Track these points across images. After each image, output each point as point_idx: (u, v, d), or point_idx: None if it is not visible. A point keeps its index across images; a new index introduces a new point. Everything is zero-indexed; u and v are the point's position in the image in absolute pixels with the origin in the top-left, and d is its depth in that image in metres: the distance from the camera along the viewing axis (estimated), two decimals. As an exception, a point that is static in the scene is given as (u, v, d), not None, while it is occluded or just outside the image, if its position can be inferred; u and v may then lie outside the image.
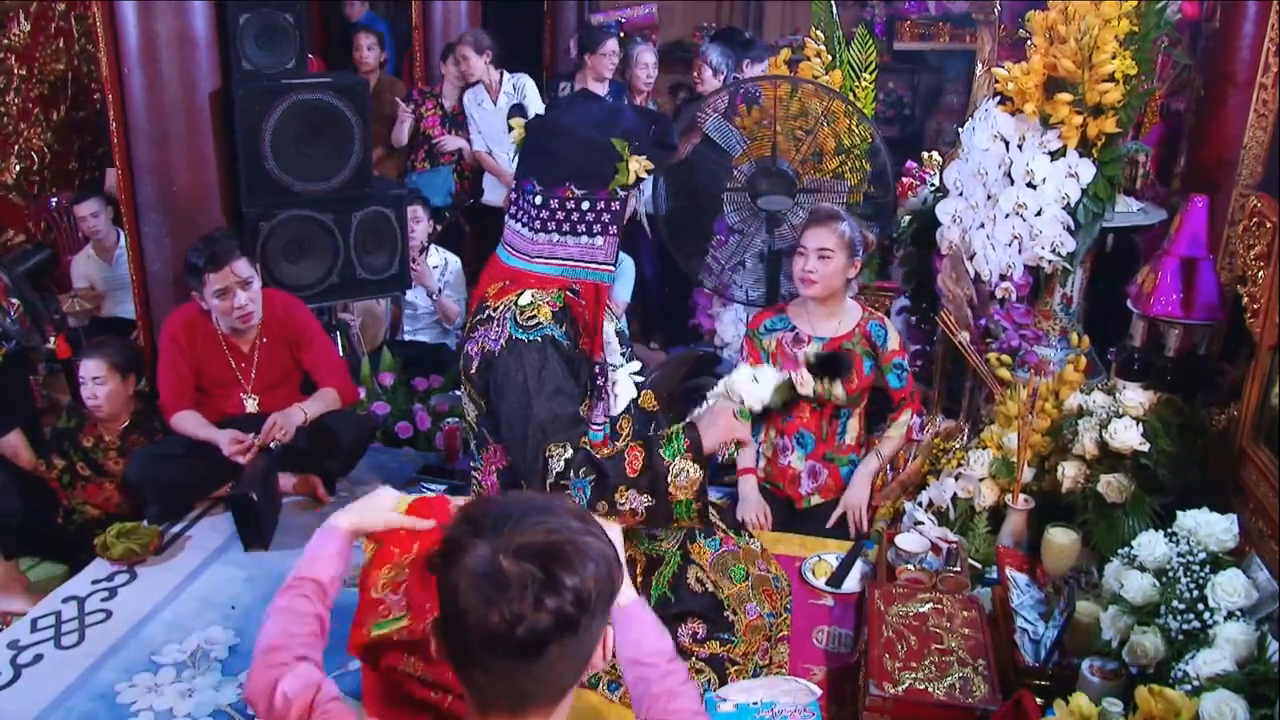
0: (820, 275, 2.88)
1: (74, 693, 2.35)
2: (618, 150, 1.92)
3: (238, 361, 3.30)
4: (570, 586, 1.11)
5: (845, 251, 2.88)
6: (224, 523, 3.08)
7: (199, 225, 3.40)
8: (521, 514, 1.16)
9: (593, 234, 1.97)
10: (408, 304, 4.61)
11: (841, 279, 2.93)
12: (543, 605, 1.10)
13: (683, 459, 1.92)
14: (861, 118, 3.43)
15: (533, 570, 1.11)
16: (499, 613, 1.09)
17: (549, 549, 1.13)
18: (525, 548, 1.12)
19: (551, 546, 1.13)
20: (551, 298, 1.97)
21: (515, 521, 1.15)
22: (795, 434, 3.01)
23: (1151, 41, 2.63)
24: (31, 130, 4.54)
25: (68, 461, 3.29)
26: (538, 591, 1.10)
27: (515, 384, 1.91)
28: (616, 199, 1.96)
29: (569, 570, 1.12)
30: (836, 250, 2.87)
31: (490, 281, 2.05)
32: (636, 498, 1.90)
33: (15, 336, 3.68)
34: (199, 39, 3.34)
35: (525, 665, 1.13)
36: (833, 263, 2.87)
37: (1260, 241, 2.42)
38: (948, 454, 2.89)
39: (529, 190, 1.98)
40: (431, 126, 5.27)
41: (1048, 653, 2.06)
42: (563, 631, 1.11)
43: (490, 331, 1.96)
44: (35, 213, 4.65)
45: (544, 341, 1.92)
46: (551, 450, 1.88)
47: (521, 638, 1.10)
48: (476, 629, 1.11)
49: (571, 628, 1.12)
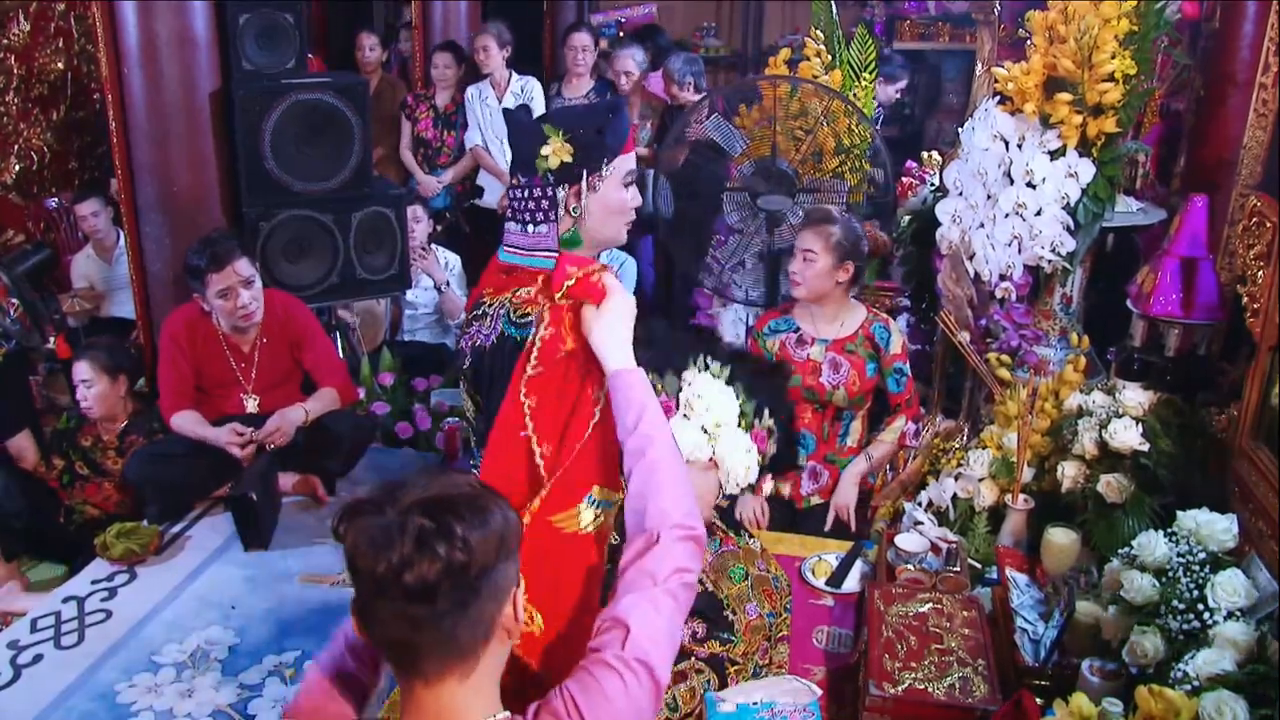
0: (803, 277, 2.88)
1: (74, 693, 2.35)
2: (544, 135, 1.93)
3: (238, 362, 3.30)
4: (460, 535, 1.12)
5: (832, 255, 2.87)
6: (224, 523, 3.08)
7: (199, 225, 3.40)
8: (418, 480, 1.19)
9: (537, 223, 1.98)
10: (408, 304, 4.61)
11: (828, 282, 2.91)
12: (430, 550, 1.11)
13: None
14: (861, 118, 3.43)
15: (422, 521, 1.13)
16: (386, 560, 1.11)
17: (440, 501, 1.15)
18: (417, 503, 1.15)
19: (444, 499, 1.16)
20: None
21: (410, 486, 1.18)
22: (797, 435, 3.01)
23: (1151, 41, 2.63)
24: (31, 130, 4.54)
25: (67, 461, 3.29)
26: (425, 538, 1.11)
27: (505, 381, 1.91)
28: (549, 185, 1.95)
29: (459, 520, 1.14)
30: (821, 253, 2.86)
31: (489, 279, 2.06)
32: None
33: (15, 336, 3.68)
34: (199, 39, 3.35)
35: (420, 613, 1.14)
36: (816, 265, 2.87)
37: (1260, 241, 2.42)
38: (948, 454, 2.89)
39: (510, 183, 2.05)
40: (425, 129, 5.28)
41: (1048, 653, 2.06)
42: (453, 578, 1.12)
43: (483, 328, 1.96)
44: (35, 213, 4.65)
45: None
46: None
47: (409, 585, 1.11)
48: (368, 580, 1.13)
49: (461, 574, 1.13)
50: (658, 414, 1.51)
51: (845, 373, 2.92)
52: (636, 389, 1.51)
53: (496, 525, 1.17)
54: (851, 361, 2.93)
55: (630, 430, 1.49)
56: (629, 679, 1.24)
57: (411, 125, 5.29)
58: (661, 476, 1.45)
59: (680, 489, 1.46)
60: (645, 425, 1.48)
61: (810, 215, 2.97)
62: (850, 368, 2.93)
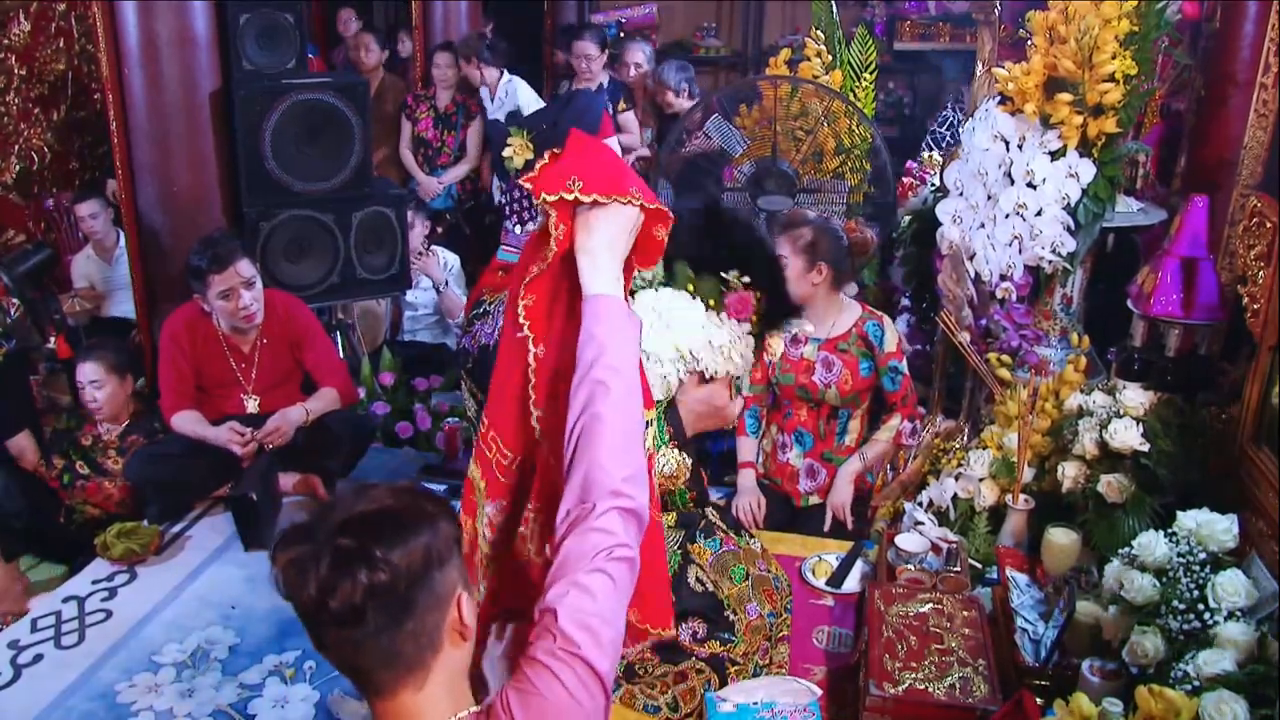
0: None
1: (74, 693, 2.35)
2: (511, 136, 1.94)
3: (238, 362, 3.30)
4: (379, 556, 1.11)
5: (802, 258, 2.84)
6: (224, 523, 3.08)
7: (199, 225, 3.41)
8: (345, 498, 1.18)
9: (524, 221, 2.00)
10: (408, 304, 4.62)
11: (804, 285, 2.85)
12: (348, 575, 1.10)
13: (667, 448, 1.89)
14: (862, 118, 3.43)
15: (342, 543, 1.11)
16: (308, 588, 1.11)
17: (362, 521, 1.14)
18: (340, 525, 1.13)
19: (366, 519, 1.14)
20: None
21: (338, 507, 1.16)
22: (794, 432, 3.01)
23: (1151, 41, 2.62)
24: (31, 130, 4.55)
25: (67, 461, 3.29)
26: (343, 562, 1.10)
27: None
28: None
29: (378, 540, 1.12)
30: (790, 256, 2.83)
31: (488, 278, 2.07)
32: None
33: (15, 336, 3.68)
34: (199, 39, 3.35)
35: (350, 635, 1.13)
36: (787, 270, 2.82)
37: (1260, 241, 2.42)
38: (948, 454, 2.89)
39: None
40: (425, 129, 5.28)
41: (1048, 653, 2.06)
42: (379, 599, 1.11)
43: (486, 326, 1.98)
44: (35, 213, 4.65)
45: None
46: None
47: (335, 610, 1.10)
48: (299, 608, 1.13)
49: (389, 594, 1.12)
50: (620, 355, 1.36)
51: (838, 371, 2.92)
52: (603, 321, 1.36)
53: (422, 539, 1.15)
54: (844, 360, 2.93)
55: (584, 373, 1.35)
56: (566, 676, 1.17)
57: (411, 125, 5.30)
58: (607, 435, 1.30)
59: (627, 452, 1.32)
60: (599, 369, 1.34)
61: (783, 220, 2.95)
62: (843, 366, 2.92)
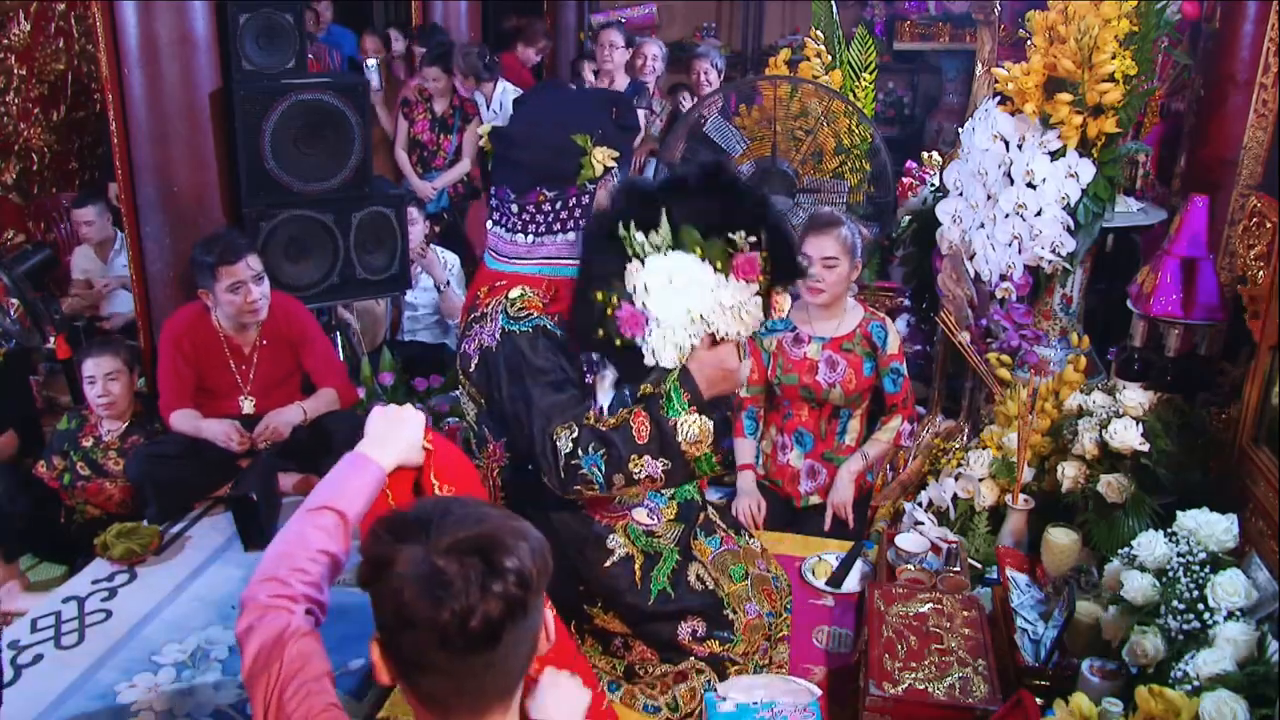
0: (827, 284, 2.88)
1: (74, 693, 2.35)
2: (580, 146, 1.94)
3: (238, 363, 3.30)
4: (512, 569, 1.12)
5: (848, 257, 2.88)
6: (224, 523, 3.08)
7: (199, 225, 3.41)
8: (441, 515, 1.17)
9: (566, 230, 2.01)
10: (408, 304, 4.61)
11: (847, 284, 2.94)
12: (490, 592, 1.10)
13: (687, 414, 1.88)
14: (862, 118, 3.43)
15: (472, 562, 1.11)
16: (449, 609, 1.09)
17: (480, 539, 1.14)
18: (457, 543, 1.13)
19: (482, 536, 1.14)
20: (539, 292, 1.99)
21: (436, 523, 1.15)
22: (794, 432, 3.01)
23: (1151, 41, 2.62)
24: (31, 130, 4.55)
25: (67, 461, 3.29)
26: (482, 580, 1.10)
27: (514, 374, 1.93)
28: (586, 193, 2.00)
29: (506, 553, 1.12)
30: (841, 256, 2.86)
31: (481, 285, 2.08)
32: (652, 463, 1.87)
33: (15, 336, 3.68)
34: (199, 39, 3.34)
35: (484, 658, 1.13)
36: (838, 270, 2.87)
37: (1260, 241, 2.42)
38: (948, 454, 2.89)
39: (505, 198, 2.03)
40: (421, 131, 5.28)
41: (1048, 653, 2.06)
42: (514, 615, 1.12)
43: (485, 328, 1.99)
44: (35, 213, 4.66)
45: (536, 331, 1.94)
46: (558, 432, 1.88)
47: (476, 630, 1.10)
48: (429, 632, 1.11)
49: (521, 609, 1.13)
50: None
51: (842, 371, 2.92)
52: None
53: (536, 548, 1.16)
54: (849, 360, 2.93)
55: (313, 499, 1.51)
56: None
57: (408, 125, 5.29)
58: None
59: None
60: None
61: (817, 220, 2.95)
62: (847, 366, 2.93)
